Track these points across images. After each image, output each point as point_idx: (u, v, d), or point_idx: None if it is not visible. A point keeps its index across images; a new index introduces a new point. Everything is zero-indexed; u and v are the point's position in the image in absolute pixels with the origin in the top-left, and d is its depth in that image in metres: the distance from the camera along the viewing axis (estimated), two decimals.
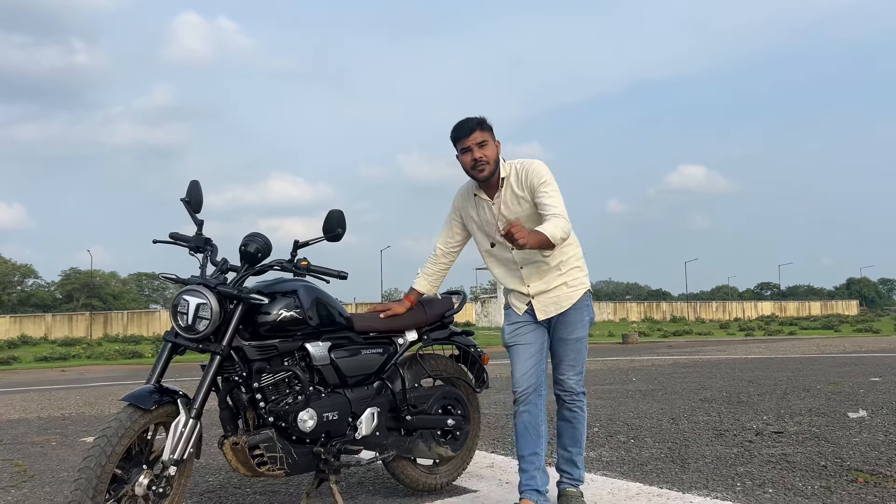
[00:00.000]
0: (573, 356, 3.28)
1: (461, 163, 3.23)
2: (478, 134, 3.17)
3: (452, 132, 3.23)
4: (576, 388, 3.30)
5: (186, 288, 2.83)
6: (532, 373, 3.23)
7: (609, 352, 21.15)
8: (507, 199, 3.24)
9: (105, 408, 8.55)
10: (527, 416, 3.25)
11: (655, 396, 7.63)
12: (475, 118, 3.22)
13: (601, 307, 61.49)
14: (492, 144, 3.20)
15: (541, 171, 3.19)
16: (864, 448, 4.47)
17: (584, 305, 3.29)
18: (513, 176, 3.23)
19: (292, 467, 2.99)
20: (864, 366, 11.11)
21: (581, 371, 3.30)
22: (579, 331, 3.28)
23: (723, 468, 4.04)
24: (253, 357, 2.94)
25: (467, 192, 3.40)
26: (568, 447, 3.34)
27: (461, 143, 3.20)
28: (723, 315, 64.67)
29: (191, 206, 3.03)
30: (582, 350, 3.31)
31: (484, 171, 3.18)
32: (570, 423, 3.34)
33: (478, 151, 3.17)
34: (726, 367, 11.88)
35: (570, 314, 3.26)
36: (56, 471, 4.63)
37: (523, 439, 3.26)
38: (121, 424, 2.58)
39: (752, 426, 5.40)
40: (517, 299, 3.34)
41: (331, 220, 3.04)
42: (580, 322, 3.27)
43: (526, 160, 3.27)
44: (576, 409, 3.32)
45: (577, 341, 3.28)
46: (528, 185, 3.19)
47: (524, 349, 3.27)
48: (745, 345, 23.14)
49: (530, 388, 3.22)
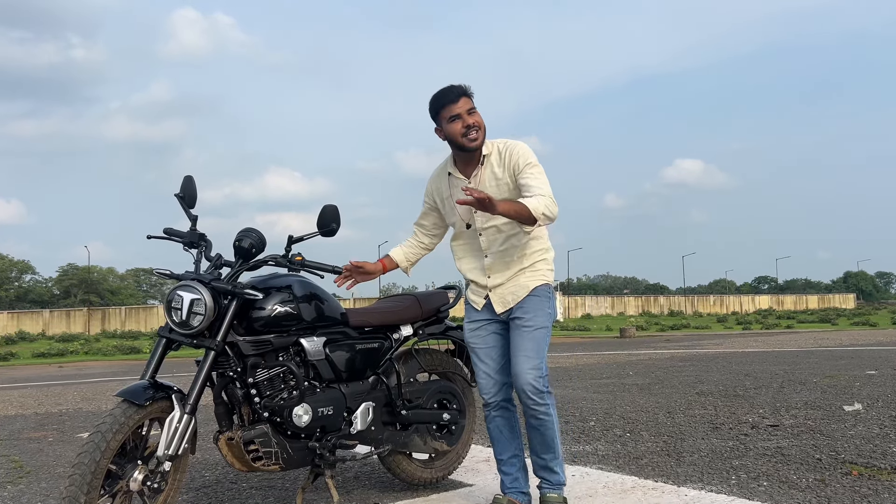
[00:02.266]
0: (530, 346, 2.94)
1: (448, 134, 2.95)
2: (465, 100, 2.92)
3: (435, 101, 2.94)
4: (535, 385, 2.91)
5: (180, 283, 2.83)
6: (498, 378, 3.08)
7: (606, 346, 21.17)
8: (486, 179, 2.99)
9: (102, 403, 8.55)
10: (500, 420, 3.12)
11: (652, 390, 7.64)
12: (459, 86, 2.95)
13: (599, 301, 61.53)
14: (478, 113, 2.96)
15: (526, 152, 2.96)
16: (859, 441, 4.48)
17: (544, 294, 3.03)
18: (494, 155, 3.00)
19: (287, 462, 2.99)
20: (861, 359, 11.13)
21: (540, 365, 2.94)
22: (539, 319, 2.98)
23: (718, 461, 4.05)
24: (248, 352, 2.94)
25: (441, 172, 3.16)
26: (541, 454, 3.06)
27: (448, 109, 2.92)
28: (720, 309, 64.77)
29: (185, 201, 3.03)
30: (540, 341, 2.97)
31: (477, 138, 2.93)
32: (536, 430, 3.01)
33: (469, 118, 2.91)
34: (723, 360, 11.91)
35: (529, 301, 3.00)
36: (53, 467, 4.63)
37: (500, 443, 3.14)
38: (115, 420, 2.58)
39: (747, 420, 5.41)
40: (475, 293, 3.13)
41: (325, 216, 3.03)
42: (539, 310, 2.99)
43: (510, 140, 3.02)
44: (540, 415, 2.95)
45: (535, 329, 2.96)
46: (510, 166, 2.96)
47: (486, 352, 3.09)
48: (743, 338, 23.18)
49: (499, 394, 3.09)
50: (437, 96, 2.94)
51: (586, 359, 13.90)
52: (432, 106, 2.96)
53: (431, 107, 2.96)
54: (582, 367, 11.47)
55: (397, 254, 3.28)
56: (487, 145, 2.99)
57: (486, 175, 2.99)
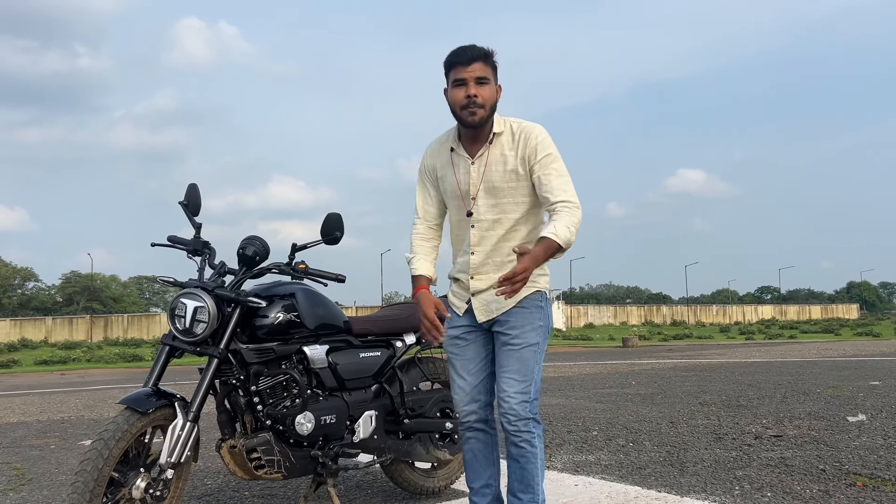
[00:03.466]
0: (517, 367, 2.56)
1: (449, 99, 2.59)
2: (479, 66, 2.53)
3: (448, 57, 2.58)
4: (520, 412, 2.54)
5: (184, 291, 2.83)
6: (476, 395, 2.70)
7: (609, 355, 21.13)
8: (493, 161, 2.59)
9: (104, 411, 8.55)
10: (475, 442, 2.74)
11: (655, 400, 7.62)
12: (481, 48, 2.56)
13: (601, 311, 61.44)
14: (492, 85, 2.57)
15: (545, 139, 2.58)
16: (862, 452, 4.46)
17: (534, 305, 2.62)
18: (507, 135, 2.61)
19: (290, 471, 2.99)
20: (864, 369, 11.10)
21: (527, 389, 2.56)
22: (527, 335, 2.59)
23: (721, 472, 4.03)
24: (251, 360, 2.94)
25: (441, 146, 2.74)
26: (518, 493, 2.62)
27: (456, 71, 2.55)
28: (723, 319, 64.66)
29: (189, 209, 3.04)
30: (529, 360, 2.58)
31: (476, 114, 2.54)
32: (516, 462, 2.61)
33: (473, 87, 2.52)
34: (726, 370, 11.87)
35: (516, 314, 2.60)
36: (54, 474, 4.62)
37: (472, 469, 2.75)
38: (118, 427, 2.58)
39: (751, 430, 5.39)
40: (456, 296, 2.74)
41: (329, 224, 3.04)
42: (528, 325, 2.59)
43: (525, 121, 2.64)
44: (522, 443, 2.57)
45: (523, 348, 2.58)
46: (524, 154, 2.57)
47: (464, 365, 2.71)
48: (746, 348, 23.11)
49: (475, 412, 2.71)
50: (452, 53, 2.58)
51: (589, 368, 13.87)
52: (445, 63, 2.60)
53: (444, 63, 2.60)
54: (584, 377, 11.44)
55: (427, 269, 2.75)
56: (499, 122, 2.62)
57: (494, 157, 2.60)
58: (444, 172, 2.71)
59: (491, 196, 2.61)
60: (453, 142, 2.68)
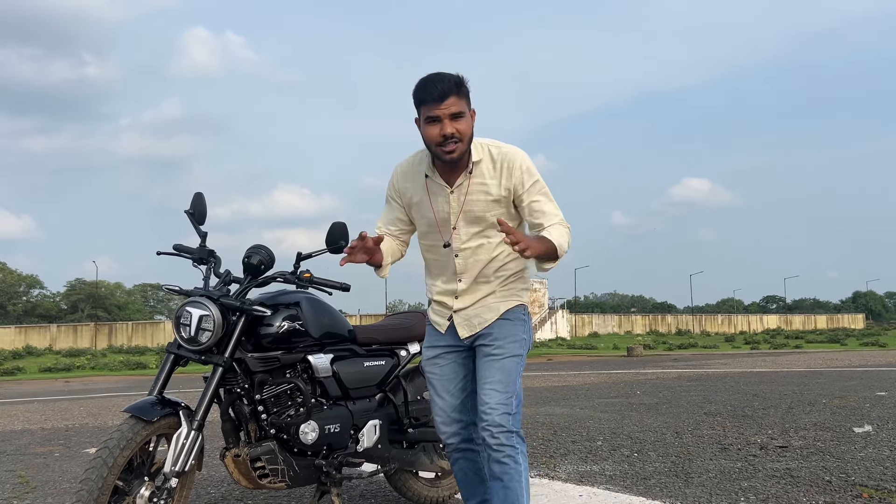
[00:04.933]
0: (499, 377, 2.47)
1: (422, 134, 2.46)
2: (452, 101, 2.38)
3: (416, 92, 2.42)
4: (502, 423, 2.42)
5: (189, 299, 2.84)
6: (456, 416, 2.63)
7: (614, 365, 21.07)
8: (473, 191, 2.49)
9: (108, 419, 8.55)
10: (463, 462, 2.68)
11: (660, 410, 7.60)
12: (451, 77, 2.40)
13: (606, 319, 61.35)
14: (468, 116, 2.43)
15: (528, 165, 2.49)
16: (869, 463, 4.44)
17: (517, 318, 2.57)
18: (486, 162, 2.49)
19: (294, 480, 2.99)
20: (870, 380, 11.05)
21: (509, 401, 2.45)
22: (510, 346, 2.52)
23: (727, 483, 4.01)
24: (255, 369, 2.95)
25: (413, 170, 2.61)
26: None
27: (428, 108, 2.40)
28: (728, 328, 64.51)
29: (195, 217, 3.05)
30: (511, 371, 2.49)
31: (454, 151, 2.41)
32: (499, 480, 2.44)
33: (449, 126, 2.38)
34: (731, 380, 11.83)
35: (499, 326, 2.55)
36: (58, 482, 4.63)
37: (466, 487, 2.72)
38: (123, 436, 2.58)
39: (756, 440, 5.37)
40: (437, 314, 2.68)
41: (333, 233, 3.04)
42: (511, 336, 2.53)
43: (502, 144, 2.53)
44: (505, 458, 2.42)
45: (505, 358, 2.50)
46: (510, 185, 2.48)
47: (443, 385, 2.64)
48: (751, 358, 23.04)
49: (458, 433, 2.64)
50: (419, 87, 2.42)
51: (593, 378, 13.84)
52: (414, 96, 2.45)
53: (413, 97, 2.45)
54: (589, 386, 11.42)
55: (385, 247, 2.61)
56: (477, 149, 2.50)
57: (474, 186, 2.49)
58: (419, 199, 2.59)
59: (473, 225, 2.54)
60: (428, 169, 2.55)
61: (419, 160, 2.60)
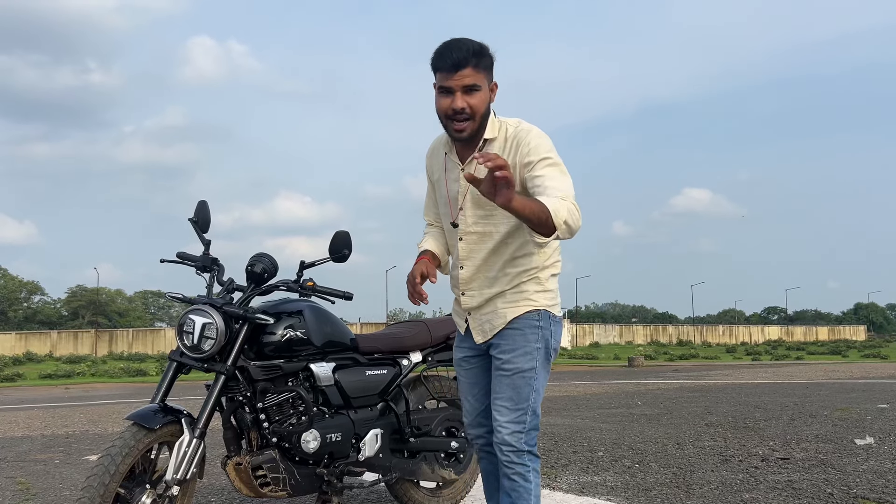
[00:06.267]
0: (508, 394, 2.35)
1: (436, 104, 2.30)
2: (468, 73, 2.22)
3: (433, 58, 2.27)
4: (512, 443, 2.33)
5: (192, 307, 2.85)
6: (480, 419, 2.58)
7: (614, 375, 21.05)
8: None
9: (109, 426, 8.54)
10: (486, 463, 2.65)
11: (661, 421, 7.58)
12: (470, 45, 2.23)
13: (607, 329, 61.26)
14: (484, 90, 2.27)
15: (541, 142, 2.27)
16: (870, 475, 4.43)
17: (528, 326, 2.38)
18: (500, 140, 2.33)
19: (295, 488, 2.99)
20: (872, 392, 11.02)
21: (521, 419, 2.34)
22: (518, 360, 2.35)
23: (728, 494, 4.00)
24: (257, 377, 2.95)
25: (438, 146, 2.52)
26: None
27: (442, 77, 2.26)
28: (729, 339, 64.37)
29: (198, 225, 3.06)
30: (523, 388, 2.34)
31: (464, 130, 2.28)
32: (508, 496, 2.38)
33: (461, 99, 2.23)
34: (732, 391, 11.81)
35: (507, 336, 2.38)
36: (59, 489, 4.62)
37: (487, 488, 2.68)
38: (125, 443, 2.58)
39: (758, 452, 5.36)
40: (457, 314, 2.58)
41: (337, 241, 3.05)
42: (521, 348, 2.36)
43: (523, 122, 2.35)
44: (515, 476, 2.34)
45: (514, 374, 2.35)
46: (514, 161, 2.27)
47: (469, 388, 2.59)
48: (752, 369, 22.99)
49: (482, 436, 2.58)
50: (436, 52, 2.28)
51: (594, 388, 13.81)
52: (431, 63, 2.30)
53: (431, 62, 2.30)
54: (590, 397, 11.39)
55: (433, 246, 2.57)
56: (493, 126, 2.34)
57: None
58: (438, 176, 2.51)
59: (478, 207, 2.38)
60: (446, 145, 2.45)
61: (444, 139, 2.49)
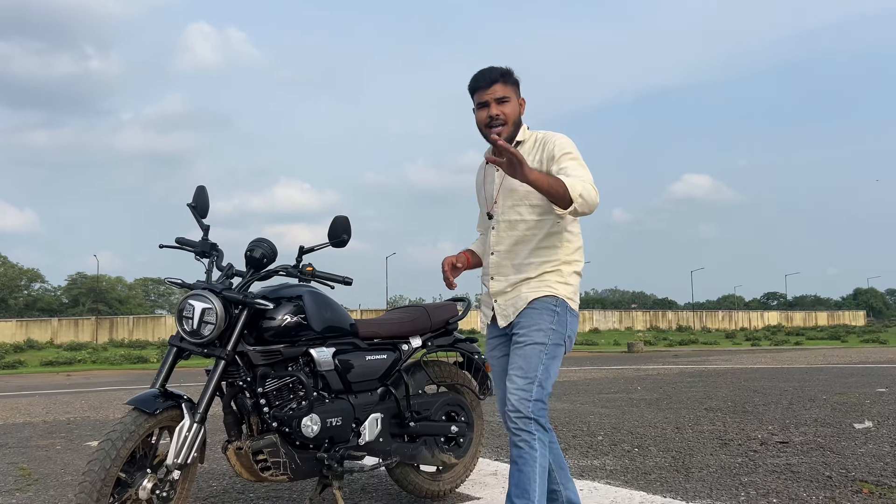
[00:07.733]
0: (519, 363, 2.58)
1: (476, 119, 2.76)
2: (499, 87, 2.69)
3: (470, 82, 2.75)
4: (519, 408, 2.52)
5: (192, 293, 2.85)
6: None
7: (614, 360, 21.10)
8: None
9: (110, 412, 8.57)
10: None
11: (660, 405, 7.61)
12: (499, 68, 2.72)
13: (607, 315, 61.35)
14: (514, 102, 2.73)
15: (565, 142, 2.68)
16: (869, 459, 4.45)
17: (545, 308, 2.64)
18: (529, 142, 2.76)
19: (296, 473, 3.00)
20: (871, 377, 11.05)
21: (528, 387, 2.53)
22: (532, 334, 2.60)
23: (727, 478, 4.02)
24: (257, 362, 2.95)
25: (481, 163, 2.97)
26: (513, 498, 2.51)
27: (479, 95, 2.72)
28: (729, 325, 64.48)
29: (197, 211, 3.05)
30: (532, 358, 2.57)
31: (500, 133, 2.69)
32: (514, 463, 2.54)
33: (495, 108, 2.69)
34: (732, 376, 11.84)
35: (526, 314, 2.65)
36: (60, 474, 4.64)
37: None
38: (125, 428, 2.59)
39: (756, 436, 5.38)
40: (485, 304, 2.87)
41: (336, 227, 3.05)
42: (536, 325, 2.61)
43: (550, 132, 2.77)
44: (521, 443, 2.51)
45: (527, 345, 2.59)
46: (542, 157, 2.69)
47: (499, 377, 2.80)
48: (751, 354, 23.04)
49: None
50: (473, 78, 2.75)
51: (594, 373, 13.85)
52: (468, 87, 2.78)
53: (468, 88, 2.79)
54: (590, 382, 11.43)
55: (476, 248, 3.00)
56: (524, 133, 2.77)
57: None
58: (479, 181, 2.94)
59: (509, 197, 2.74)
60: (486, 153, 2.86)
61: (486, 152, 2.88)
